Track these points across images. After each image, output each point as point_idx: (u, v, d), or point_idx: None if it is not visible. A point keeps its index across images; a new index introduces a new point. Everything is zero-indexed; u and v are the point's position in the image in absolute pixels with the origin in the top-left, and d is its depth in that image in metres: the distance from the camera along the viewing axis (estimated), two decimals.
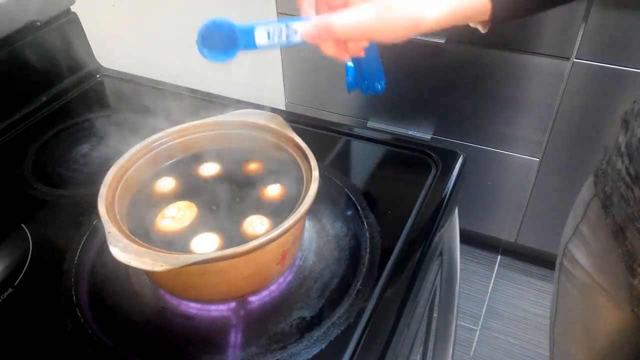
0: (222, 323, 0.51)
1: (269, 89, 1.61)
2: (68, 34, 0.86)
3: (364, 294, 0.53)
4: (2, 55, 0.77)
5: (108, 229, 0.45)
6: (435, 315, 0.72)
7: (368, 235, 0.59)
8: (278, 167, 0.57)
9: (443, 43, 1.29)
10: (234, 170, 0.59)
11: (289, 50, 1.55)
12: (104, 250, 0.57)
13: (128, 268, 0.55)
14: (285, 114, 0.65)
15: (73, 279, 0.55)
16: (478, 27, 0.50)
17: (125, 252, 0.43)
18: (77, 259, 0.57)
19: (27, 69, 0.82)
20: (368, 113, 1.56)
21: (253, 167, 0.59)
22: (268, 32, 0.45)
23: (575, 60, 1.20)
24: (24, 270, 0.56)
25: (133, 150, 0.55)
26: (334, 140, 0.75)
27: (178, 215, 0.52)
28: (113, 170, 0.52)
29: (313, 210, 0.61)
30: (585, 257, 0.65)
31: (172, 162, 0.59)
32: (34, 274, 0.56)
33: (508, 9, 0.47)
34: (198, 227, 0.52)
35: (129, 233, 0.47)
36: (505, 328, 1.51)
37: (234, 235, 0.50)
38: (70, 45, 0.87)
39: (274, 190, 0.55)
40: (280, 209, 0.52)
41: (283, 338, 0.49)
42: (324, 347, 0.48)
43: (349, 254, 0.57)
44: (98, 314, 0.52)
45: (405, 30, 0.44)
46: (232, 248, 0.44)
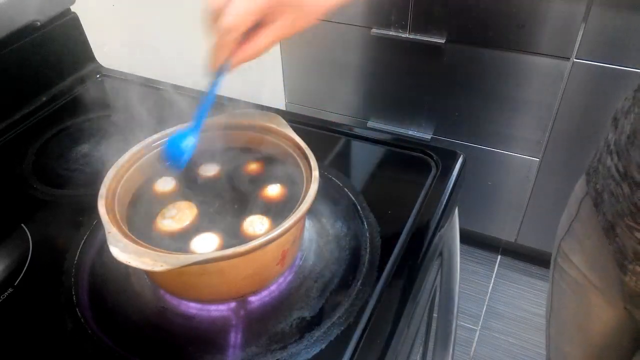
0: (222, 323, 0.51)
1: (269, 89, 1.61)
2: (68, 34, 0.86)
3: (364, 294, 0.53)
4: (2, 55, 0.77)
5: (108, 229, 0.45)
6: (435, 315, 0.72)
7: (368, 235, 0.59)
8: (278, 167, 0.57)
9: (443, 43, 1.30)
10: (234, 170, 0.59)
11: (289, 50, 1.55)
12: (104, 250, 0.58)
13: (128, 268, 0.55)
14: (285, 114, 0.65)
15: (73, 279, 0.55)
16: None
17: (125, 252, 0.43)
18: (77, 259, 0.57)
19: (27, 69, 0.82)
20: (368, 113, 1.56)
21: (253, 167, 0.59)
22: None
23: (575, 60, 1.20)
24: (24, 270, 0.56)
25: (133, 150, 0.55)
26: (334, 140, 0.75)
27: (178, 215, 0.52)
28: (113, 170, 0.52)
29: (313, 210, 0.62)
30: (578, 255, 0.65)
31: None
32: (34, 274, 0.56)
33: None
34: (198, 227, 0.52)
35: (129, 233, 0.47)
36: (505, 328, 1.51)
37: (234, 235, 0.50)
38: (70, 45, 0.87)
39: (274, 190, 0.55)
40: (280, 209, 0.52)
41: (283, 338, 0.49)
42: (324, 347, 0.48)
43: (349, 254, 0.57)
44: (98, 314, 0.52)
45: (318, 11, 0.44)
46: (232, 248, 0.44)
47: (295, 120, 0.72)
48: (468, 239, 1.70)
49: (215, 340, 0.50)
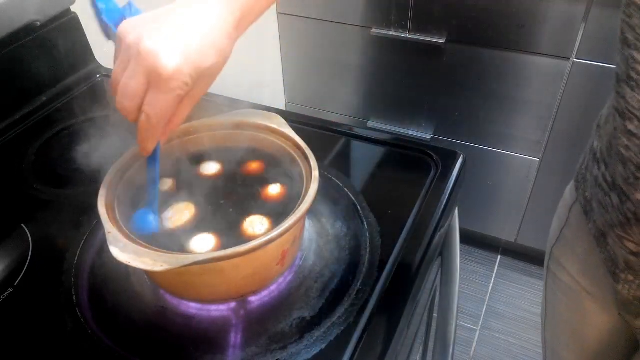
0: (222, 323, 0.51)
1: (269, 89, 1.61)
2: (68, 34, 0.86)
3: (364, 294, 0.53)
4: (2, 55, 0.77)
5: (108, 229, 0.45)
6: (435, 315, 0.72)
7: (368, 235, 0.59)
8: (278, 167, 0.57)
9: (443, 43, 1.30)
10: (234, 170, 0.59)
11: (289, 50, 1.55)
12: (104, 250, 0.58)
13: (128, 268, 0.55)
14: (285, 114, 0.64)
15: (73, 279, 0.55)
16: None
17: (125, 252, 0.43)
18: (77, 259, 0.57)
19: (27, 69, 0.81)
20: (368, 113, 1.56)
21: (253, 167, 0.59)
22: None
23: (575, 60, 1.20)
24: (24, 270, 0.56)
25: (133, 150, 0.55)
26: (334, 140, 0.75)
27: (178, 216, 0.52)
28: (113, 170, 0.52)
29: (313, 210, 0.62)
30: (570, 261, 0.64)
31: (171, 162, 0.59)
32: (34, 274, 0.56)
33: None
34: (198, 227, 0.52)
35: (129, 233, 0.47)
36: (505, 328, 1.51)
37: (234, 235, 0.50)
38: (70, 45, 0.87)
39: (274, 190, 0.55)
40: (280, 209, 0.52)
41: (283, 338, 0.49)
42: (324, 347, 0.48)
43: (349, 254, 0.57)
44: (98, 314, 0.52)
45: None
46: (232, 248, 0.44)
47: (295, 120, 0.72)
48: (468, 239, 1.71)
49: (215, 340, 0.50)
